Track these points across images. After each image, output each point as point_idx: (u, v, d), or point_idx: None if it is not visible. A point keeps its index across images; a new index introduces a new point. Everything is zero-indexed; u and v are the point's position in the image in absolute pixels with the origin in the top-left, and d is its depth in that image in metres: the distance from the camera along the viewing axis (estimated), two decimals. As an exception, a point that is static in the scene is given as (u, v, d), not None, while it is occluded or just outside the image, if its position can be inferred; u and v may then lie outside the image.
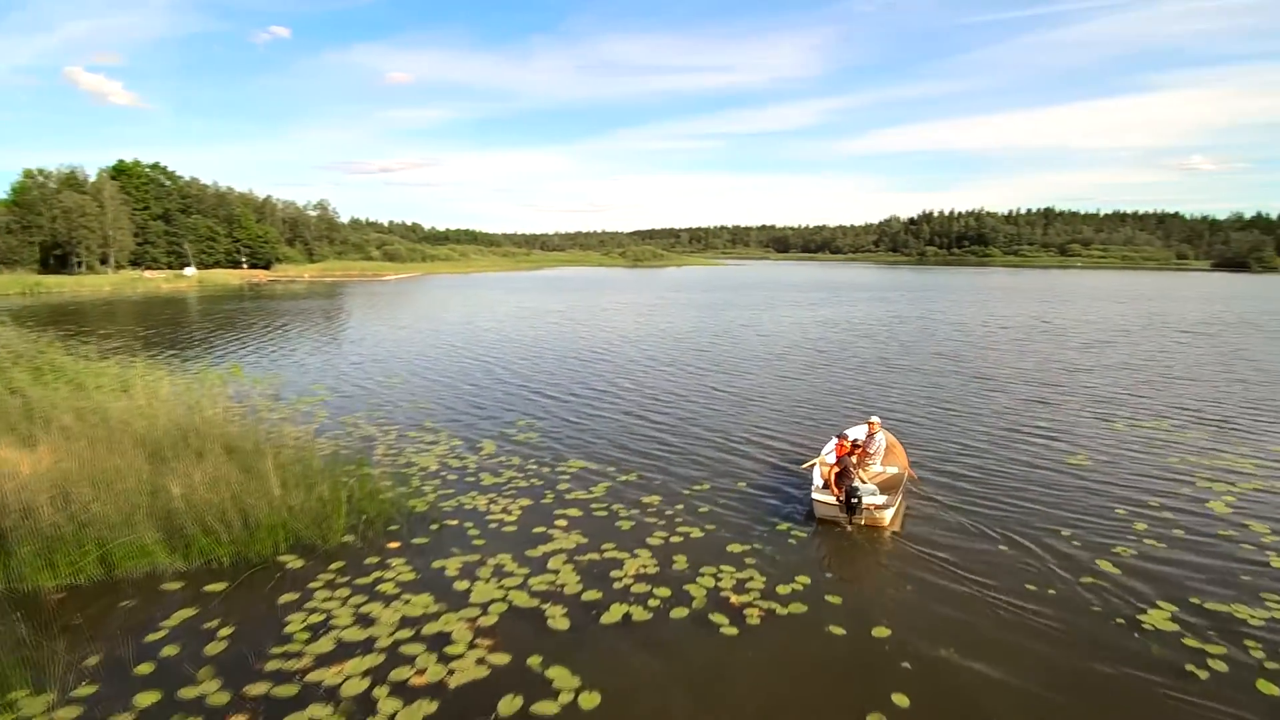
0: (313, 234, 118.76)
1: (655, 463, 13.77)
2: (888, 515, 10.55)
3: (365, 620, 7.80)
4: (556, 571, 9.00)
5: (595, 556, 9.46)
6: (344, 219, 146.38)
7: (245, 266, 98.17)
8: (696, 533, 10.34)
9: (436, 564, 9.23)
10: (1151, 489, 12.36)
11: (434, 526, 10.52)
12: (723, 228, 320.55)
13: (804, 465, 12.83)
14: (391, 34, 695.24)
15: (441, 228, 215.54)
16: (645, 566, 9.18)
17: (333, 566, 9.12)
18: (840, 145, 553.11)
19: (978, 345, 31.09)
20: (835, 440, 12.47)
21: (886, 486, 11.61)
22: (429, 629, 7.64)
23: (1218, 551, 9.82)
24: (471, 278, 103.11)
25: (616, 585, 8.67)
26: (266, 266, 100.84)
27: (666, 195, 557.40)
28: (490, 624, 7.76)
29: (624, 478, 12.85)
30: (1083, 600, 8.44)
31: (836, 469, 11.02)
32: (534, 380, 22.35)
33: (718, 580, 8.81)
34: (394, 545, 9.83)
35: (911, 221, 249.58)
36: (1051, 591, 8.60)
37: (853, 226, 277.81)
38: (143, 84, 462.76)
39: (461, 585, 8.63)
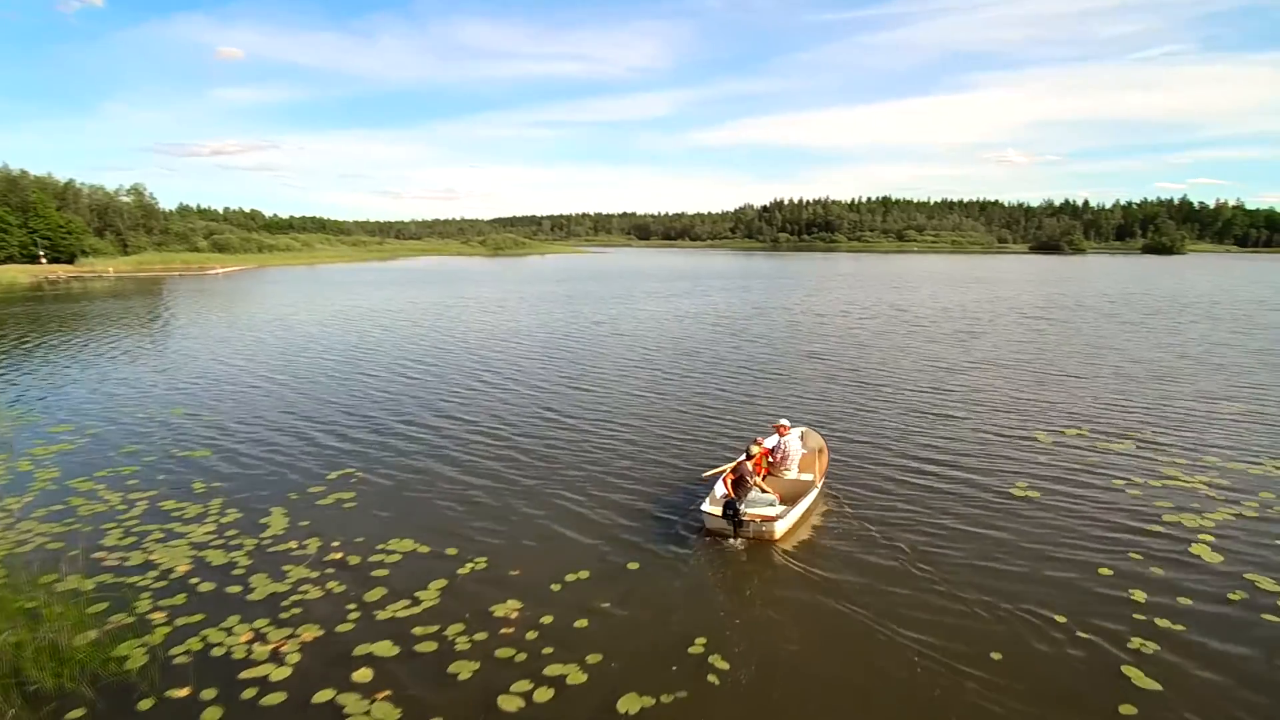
0: (126, 223, 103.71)
1: (507, 539, 10.32)
2: (779, 528, 9.93)
3: None
4: (336, 803, 5.45)
5: (409, 752, 5.97)
6: (172, 206, 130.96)
7: (45, 261, 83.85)
8: (574, 675, 7.05)
9: (124, 805, 5.41)
10: (1123, 527, 10.60)
11: (146, 704, 6.58)
12: (585, 215, 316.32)
13: (705, 475, 11.69)
14: (218, 5, 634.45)
15: (285, 215, 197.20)
16: (489, 767, 5.80)
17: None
18: (696, 135, 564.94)
19: (848, 342, 29.46)
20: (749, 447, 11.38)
21: (788, 496, 10.86)
22: None
23: (1249, 638, 7.73)
24: (315, 270, 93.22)
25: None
26: (70, 261, 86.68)
27: (528, 183, 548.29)
28: None
29: (467, 568, 9.35)
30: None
31: (732, 477, 10.54)
32: (351, 409, 17.95)
33: (604, 787, 5.60)
34: (60, 761, 5.88)
35: (764, 209, 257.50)
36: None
37: (710, 214, 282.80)
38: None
39: None
